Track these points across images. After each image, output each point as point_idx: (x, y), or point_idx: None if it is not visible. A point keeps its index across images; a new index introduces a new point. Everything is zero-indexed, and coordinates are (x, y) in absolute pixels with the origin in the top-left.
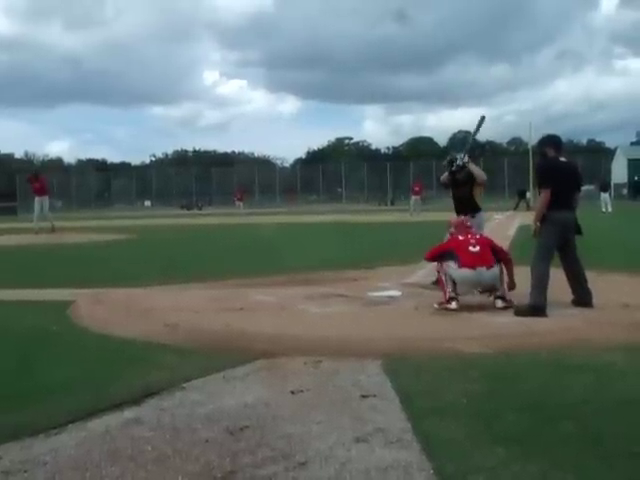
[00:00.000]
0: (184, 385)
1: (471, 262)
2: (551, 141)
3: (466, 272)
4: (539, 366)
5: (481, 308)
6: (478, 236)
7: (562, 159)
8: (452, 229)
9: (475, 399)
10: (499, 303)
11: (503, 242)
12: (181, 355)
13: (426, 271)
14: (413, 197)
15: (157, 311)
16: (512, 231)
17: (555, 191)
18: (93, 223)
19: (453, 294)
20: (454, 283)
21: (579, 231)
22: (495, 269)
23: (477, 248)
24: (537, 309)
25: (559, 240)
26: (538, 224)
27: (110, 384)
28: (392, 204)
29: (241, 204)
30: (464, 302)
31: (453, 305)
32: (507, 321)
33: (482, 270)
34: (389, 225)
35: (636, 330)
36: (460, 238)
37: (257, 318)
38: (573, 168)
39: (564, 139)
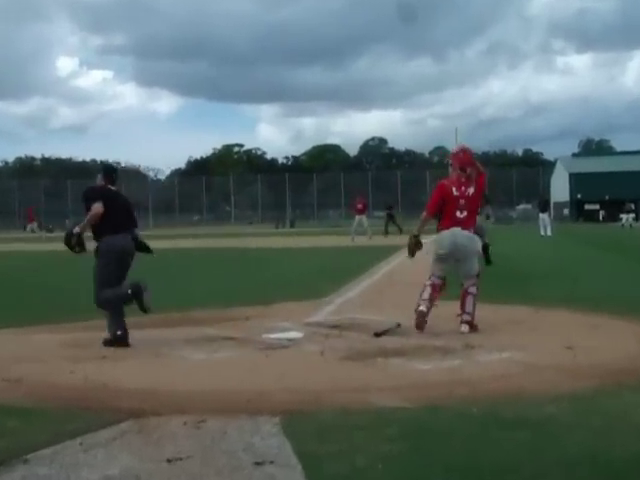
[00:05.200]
0: (28, 457)
1: (450, 225)
2: (105, 171)
3: (443, 234)
4: (468, 421)
5: (399, 353)
6: (472, 191)
7: (112, 188)
8: (450, 161)
9: (393, 463)
10: (464, 328)
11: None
12: (25, 418)
13: (334, 307)
14: (357, 217)
15: None
16: None
17: (109, 216)
18: None
19: (423, 303)
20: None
21: (147, 249)
22: (470, 233)
23: (464, 214)
24: (120, 338)
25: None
26: None
27: None
28: (292, 226)
29: (33, 226)
30: (379, 345)
31: (422, 307)
32: (430, 368)
33: (456, 230)
34: (289, 252)
35: (581, 377)
36: (454, 192)
37: (124, 368)
38: (124, 197)
39: (496, 148)
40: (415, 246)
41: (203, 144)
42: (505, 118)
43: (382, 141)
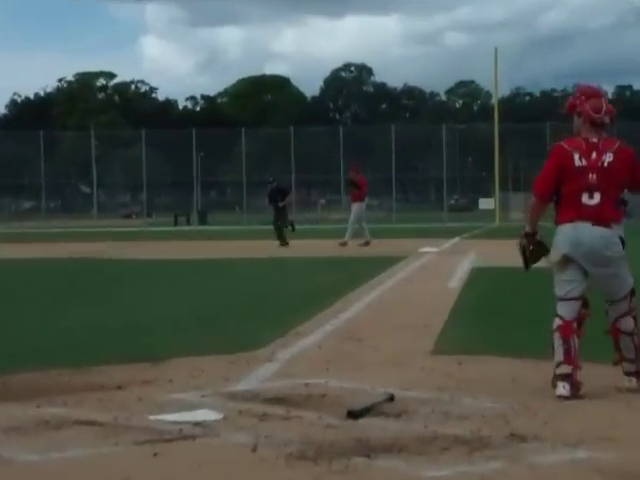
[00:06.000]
0: None
1: (572, 217)
2: None
3: (565, 229)
4: None
5: (392, 447)
6: (609, 160)
7: None
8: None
9: None
10: (629, 382)
11: (441, 305)
12: None
13: (277, 366)
14: (355, 205)
15: None
16: (456, 280)
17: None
18: None
19: (565, 367)
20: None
21: None
22: (610, 231)
23: (597, 199)
24: None
25: None
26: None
27: None
28: (203, 221)
29: None
30: (357, 434)
31: (560, 389)
32: (447, 476)
33: (582, 226)
34: (198, 267)
35: None
36: (577, 161)
37: None
38: None
39: (566, 84)
40: (533, 250)
41: (39, 72)
42: (582, 31)
43: (364, 71)
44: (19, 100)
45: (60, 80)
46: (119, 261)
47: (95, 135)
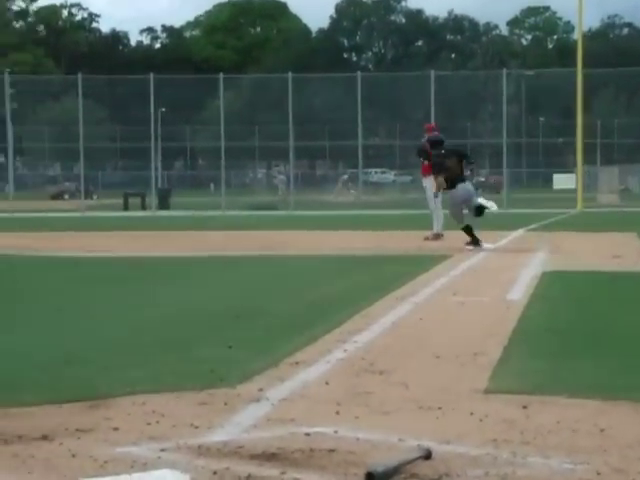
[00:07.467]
0: None
1: None
2: None
3: None
4: None
5: None
6: None
7: None
8: None
9: None
10: None
11: (499, 325)
12: None
13: (269, 407)
14: (428, 180)
15: None
16: (520, 290)
17: None
18: None
19: None
20: None
21: None
22: None
23: None
24: None
25: None
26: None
27: None
28: (164, 205)
29: None
30: None
31: None
32: None
33: None
34: (163, 265)
35: None
36: None
37: None
38: None
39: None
40: None
41: None
42: None
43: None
44: None
45: None
46: (45, 260)
47: (10, 81)
